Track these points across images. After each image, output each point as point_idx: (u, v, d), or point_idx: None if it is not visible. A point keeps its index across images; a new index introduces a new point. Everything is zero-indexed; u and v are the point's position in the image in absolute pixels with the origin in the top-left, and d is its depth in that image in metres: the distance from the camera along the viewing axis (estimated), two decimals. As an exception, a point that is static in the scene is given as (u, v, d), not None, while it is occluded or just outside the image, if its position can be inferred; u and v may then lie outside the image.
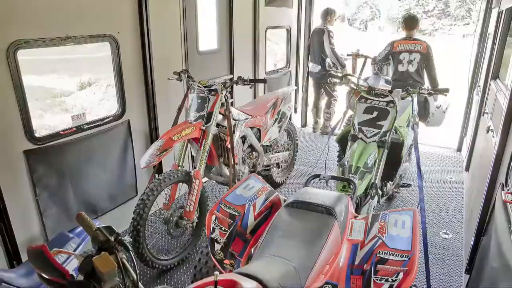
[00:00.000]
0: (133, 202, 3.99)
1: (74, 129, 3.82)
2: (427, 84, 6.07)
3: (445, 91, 4.34)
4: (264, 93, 6.86)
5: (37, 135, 3.49)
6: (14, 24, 3.19)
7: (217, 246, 2.56)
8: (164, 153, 3.76)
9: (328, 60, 7.68)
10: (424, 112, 5.84)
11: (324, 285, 2.24)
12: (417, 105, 4.61)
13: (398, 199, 5.57)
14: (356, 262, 2.33)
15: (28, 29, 3.28)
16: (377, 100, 4.13)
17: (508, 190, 2.70)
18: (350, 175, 3.66)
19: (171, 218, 3.91)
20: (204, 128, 4.17)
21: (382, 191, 4.42)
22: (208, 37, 5.74)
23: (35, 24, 3.35)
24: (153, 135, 4.75)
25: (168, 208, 3.95)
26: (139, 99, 4.53)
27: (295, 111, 8.61)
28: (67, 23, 3.59)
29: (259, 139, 5.03)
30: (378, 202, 4.10)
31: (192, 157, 4.53)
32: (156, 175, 4.23)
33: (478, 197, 3.86)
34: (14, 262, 3.36)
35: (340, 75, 4.89)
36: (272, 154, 5.43)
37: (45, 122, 9.33)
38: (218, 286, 1.51)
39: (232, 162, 4.40)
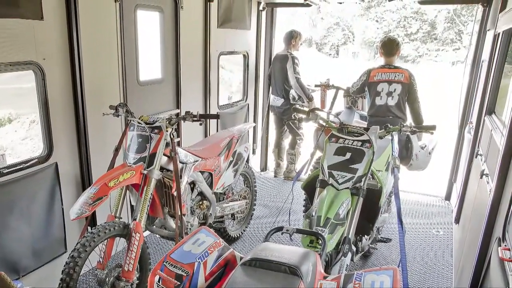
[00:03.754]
0: (61, 259, 4.03)
1: None
2: (409, 120, 6.22)
3: (431, 128, 4.50)
4: (217, 130, 7.05)
5: None
6: None
7: (162, 313, 2.60)
8: (98, 202, 3.81)
9: (292, 92, 7.93)
10: (406, 154, 6.04)
11: None
12: (398, 145, 4.82)
13: (376, 256, 5.73)
14: (326, 331, 2.40)
15: None
16: (351, 139, 4.20)
17: (505, 245, 2.68)
18: (319, 228, 3.67)
19: (107, 279, 3.96)
20: (145, 172, 4.27)
21: (357, 247, 4.55)
22: (150, 64, 5.90)
23: None
24: (85, 180, 4.84)
25: (103, 267, 4.00)
26: (69, 137, 4.65)
27: (254, 152, 8.74)
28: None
29: (210, 185, 5.16)
30: (352, 259, 4.10)
31: (132, 206, 4.62)
32: (89, 228, 4.29)
33: (470, 253, 3.98)
34: None
35: (306, 109, 4.96)
36: (226, 203, 5.58)
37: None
38: None
39: (179, 213, 4.50)
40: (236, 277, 2.43)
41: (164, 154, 4.45)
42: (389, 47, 6.32)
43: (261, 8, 8.15)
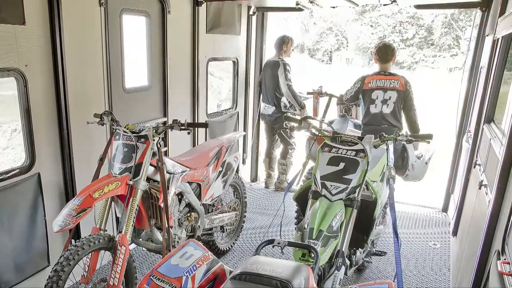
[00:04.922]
0: (44, 273, 4.06)
1: None
2: (405, 129, 6.25)
3: (427, 137, 4.52)
4: (206, 140, 7.08)
5: None
6: None
7: (148, 329, 2.61)
8: (82, 214, 3.82)
9: (283, 100, 7.99)
10: (401, 164, 6.06)
11: None
12: (393, 155, 4.75)
13: (370, 270, 5.76)
14: None
15: None
16: (344, 149, 4.23)
17: (505, 259, 2.68)
18: (311, 241, 3.70)
19: (91, 294, 3.98)
20: (131, 183, 4.29)
21: (351, 260, 4.55)
22: (136, 71, 5.93)
23: None
24: (69, 191, 4.86)
25: (88, 282, 4.01)
26: (52, 147, 4.67)
27: (244, 162, 8.78)
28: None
29: (199, 196, 5.19)
30: (345, 273, 4.13)
31: (117, 218, 4.64)
32: (73, 240, 4.32)
33: (468, 267, 3.99)
34: None
35: (298, 118, 4.94)
36: (215, 215, 5.61)
37: None
38: None
39: (166, 225, 4.51)
40: None
41: (151, 164, 4.47)
42: (384, 53, 6.32)
43: (251, 12, 8.20)
